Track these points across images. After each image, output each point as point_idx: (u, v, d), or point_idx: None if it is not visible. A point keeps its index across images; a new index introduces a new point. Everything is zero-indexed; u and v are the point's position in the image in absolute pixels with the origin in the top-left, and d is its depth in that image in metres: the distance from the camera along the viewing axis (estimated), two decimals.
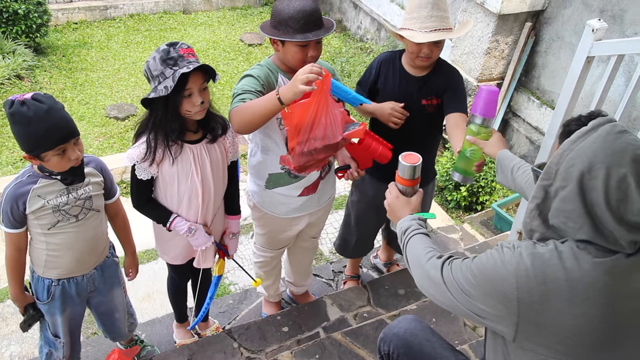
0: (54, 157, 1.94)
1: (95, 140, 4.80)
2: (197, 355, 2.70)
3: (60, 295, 2.27)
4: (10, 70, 5.16)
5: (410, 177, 1.82)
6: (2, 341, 3.04)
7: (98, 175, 2.19)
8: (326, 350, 2.56)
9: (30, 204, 2.03)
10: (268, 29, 2.16)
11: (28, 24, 5.49)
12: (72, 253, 2.20)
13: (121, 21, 6.73)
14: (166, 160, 2.13)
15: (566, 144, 1.30)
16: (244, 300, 3.31)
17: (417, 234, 1.65)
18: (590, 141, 1.26)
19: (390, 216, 1.84)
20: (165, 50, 1.96)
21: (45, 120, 1.87)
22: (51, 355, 2.46)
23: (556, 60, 4.23)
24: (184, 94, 1.99)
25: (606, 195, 1.22)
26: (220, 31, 6.80)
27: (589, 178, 1.24)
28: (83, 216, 2.16)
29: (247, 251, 3.74)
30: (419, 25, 2.30)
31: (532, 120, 4.47)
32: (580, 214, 1.26)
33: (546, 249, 1.30)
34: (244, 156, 4.53)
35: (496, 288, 1.32)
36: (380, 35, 6.37)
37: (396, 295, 3.13)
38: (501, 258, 1.34)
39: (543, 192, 1.34)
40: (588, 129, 1.28)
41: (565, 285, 1.25)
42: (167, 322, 3.08)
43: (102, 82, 5.61)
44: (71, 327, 2.40)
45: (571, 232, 1.29)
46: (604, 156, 1.23)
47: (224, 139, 2.27)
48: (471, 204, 4.26)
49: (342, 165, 2.40)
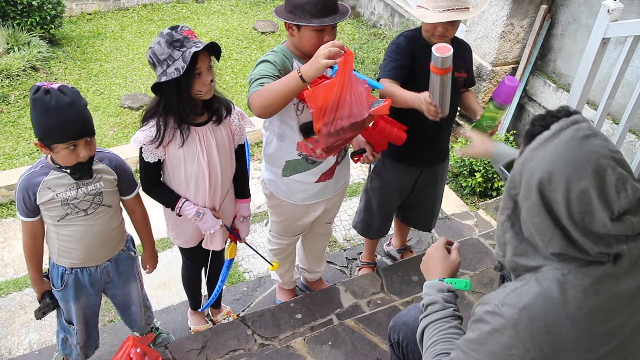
0: (63, 150, 1.96)
1: (110, 130, 4.83)
2: (211, 341, 2.72)
3: (73, 283, 2.30)
4: (26, 61, 5.20)
5: (441, 67, 2.04)
6: (21, 329, 3.09)
7: (111, 173, 2.19)
8: (339, 337, 2.56)
9: (40, 195, 2.05)
10: (283, 13, 2.15)
11: (42, 16, 5.53)
12: (82, 245, 2.22)
13: (134, 11, 6.74)
14: (173, 142, 2.16)
15: (528, 151, 1.21)
16: (258, 288, 3.33)
17: (439, 322, 1.49)
18: (550, 149, 1.16)
19: (423, 267, 1.69)
20: (169, 33, 1.97)
21: (63, 113, 1.89)
22: (67, 341, 2.50)
23: (572, 43, 4.16)
24: (194, 73, 2.00)
25: (568, 209, 1.13)
26: (233, 19, 6.78)
27: (550, 190, 1.15)
28: (92, 211, 2.17)
29: (261, 239, 3.75)
30: (433, 4, 2.28)
31: (548, 104, 4.40)
32: (548, 226, 1.17)
33: (533, 295, 1.19)
34: (258, 144, 4.54)
35: (501, 359, 1.21)
36: (393, 21, 6.30)
37: (409, 282, 3.12)
38: (492, 327, 1.22)
39: (512, 202, 1.25)
40: (549, 134, 1.18)
41: (569, 323, 1.17)
42: (182, 309, 3.11)
43: (116, 72, 5.64)
44: (86, 316, 2.43)
45: (542, 245, 1.20)
46: (563, 166, 1.14)
47: (230, 122, 2.28)
48: (486, 190, 4.22)
49: (357, 149, 2.41)
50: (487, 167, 4.14)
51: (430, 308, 1.52)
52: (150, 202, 2.37)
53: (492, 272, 3.01)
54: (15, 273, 3.43)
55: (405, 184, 2.83)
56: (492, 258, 3.23)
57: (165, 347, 2.70)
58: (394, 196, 2.90)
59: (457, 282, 1.59)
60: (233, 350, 2.70)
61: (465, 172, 4.26)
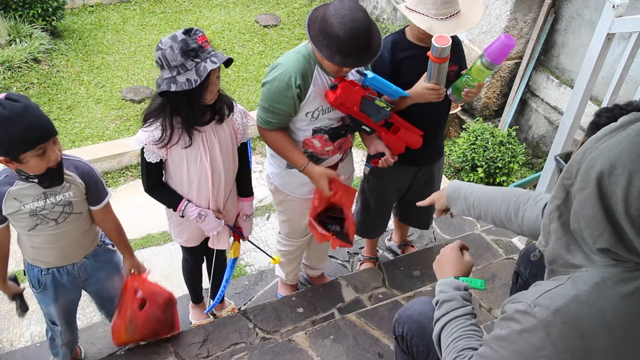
0: (33, 159, 1.85)
1: (112, 123, 4.82)
2: (213, 335, 2.73)
3: (51, 283, 2.25)
4: (28, 53, 5.18)
5: (439, 56, 2.19)
6: (22, 321, 3.10)
7: (79, 182, 2.08)
8: (341, 331, 2.57)
9: (6, 206, 1.96)
10: (313, 29, 2.08)
11: (44, 7, 5.50)
12: (55, 250, 2.16)
13: (137, 4, 6.72)
14: (177, 144, 2.13)
15: (590, 142, 1.14)
16: (260, 282, 3.33)
17: (460, 319, 1.47)
18: (615, 141, 1.09)
19: (436, 266, 1.68)
20: (184, 40, 1.90)
21: (23, 120, 1.77)
22: (54, 340, 2.49)
23: (576, 39, 4.14)
24: (206, 84, 1.97)
25: (626, 204, 1.06)
26: (235, 12, 6.76)
27: (609, 183, 1.08)
28: (63, 219, 2.09)
29: (262, 233, 3.76)
30: (435, 11, 2.25)
31: (551, 100, 4.39)
32: (600, 219, 1.11)
33: (568, 298, 1.14)
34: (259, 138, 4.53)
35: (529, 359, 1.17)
36: (396, 15, 6.28)
37: (411, 277, 3.12)
38: (523, 327, 1.18)
39: (564, 193, 1.19)
40: (616, 126, 1.11)
41: (603, 330, 1.12)
42: (184, 302, 3.11)
43: (118, 64, 5.63)
44: (66, 315, 2.39)
45: (590, 239, 1.14)
46: (628, 160, 1.06)
47: (233, 121, 2.26)
48: (488, 185, 4.21)
49: (375, 153, 2.47)
50: (489, 163, 4.13)
51: (447, 305, 1.51)
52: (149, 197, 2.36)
53: (494, 267, 3.01)
54: (17, 265, 3.42)
55: (401, 183, 2.84)
56: (494, 253, 3.23)
57: (167, 341, 2.70)
58: (391, 195, 2.91)
59: (472, 282, 1.61)
60: (234, 344, 2.70)
61: (468, 167, 4.26)
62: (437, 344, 1.50)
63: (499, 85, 4.63)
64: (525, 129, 4.62)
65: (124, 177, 4.22)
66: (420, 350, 1.76)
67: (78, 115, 4.86)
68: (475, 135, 4.25)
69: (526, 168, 4.28)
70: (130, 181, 4.19)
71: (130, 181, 4.19)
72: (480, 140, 4.20)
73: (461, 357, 1.38)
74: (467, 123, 4.57)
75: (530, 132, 4.56)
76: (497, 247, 3.29)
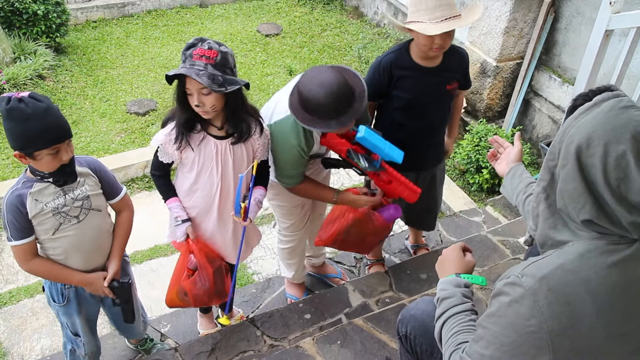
0: (46, 157, 1.94)
1: (117, 136, 4.86)
2: (221, 344, 2.73)
3: (74, 297, 2.29)
4: (32, 70, 5.23)
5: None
6: (33, 334, 3.11)
7: (91, 174, 2.17)
8: (348, 336, 2.56)
9: (30, 208, 2.02)
10: (295, 104, 2.19)
11: (48, 24, 5.56)
12: (79, 255, 2.20)
13: (139, 18, 6.77)
14: (188, 148, 2.22)
15: (569, 121, 1.24)
16: (267, 289, 3.34)
17: (459, 315, 1.50)
18: (590, 117, 1.19)
19: (438, 266, 1.72)
20: (188, 43, 2.06)
21: (43, 119, 1.88)
22: (74, 352, 2.50)
23: (577, 37, 4.14)
24: (185, 90, 2.09)
25: (605, 174, 1.15)
26: (237, 23, 6.80)
27: (587, 155, 1.16)
28: (84, 216, 2.15)
29: (269, 240, 3.77)
30: (428, 16, 2.27)
31: (554, 99, 4.38)
32: (582, 192, 1.18)
33: (553, 266, 1.20)
34: None
35: (519, 330, 1.21)
36: (397, 20, 6.30)
37: (418, 280, 3.11)
38: (512, 298, 1.23)
39: (549, 174, 1.27)
40: (591, 104, 1.21)
41: (588, 297, 1.17)
42: (192, 312, 3.12)
43: (122, 78, 5.67)
44: (89, 324, 2.43)
45: (574, 213, 1.21)
46: (602, 132, 1.16)
47: (255, 141, 2.31)
48: (493, 186, 4.20)
49: (371, 187, 2.56)
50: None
51: (448, 302, 1.53)
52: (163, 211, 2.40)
53: (500, 268, 3.00)
54: (26, 280, 3.45)
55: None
56: (501, 254, 3.22)
57: (175, 350, 2.71)
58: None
59: (473, 278, 1.62)
60: (243, 352, 2.70)
61: (473, 168, 4.25)
62: (439, 341, 1.52)
63: (502, 86, 4.62)
64: (529, 129, 4.61)
65: (130, 189, 4.24)
66: (424, 350, 1.76)
67: (84, 129, 4.89)
68: (479, 136, 4.25)
69: (531, 168, 4.26)
70: (136, 193, 4.21)
71: (136, 193, 4.21)
72: (484, 142, 4.19)
73: (458, 349, 1.40)
74: (471, 125, 4.57)
75: (534, 132, 4.54)
76: (504, 248, 3.27)
